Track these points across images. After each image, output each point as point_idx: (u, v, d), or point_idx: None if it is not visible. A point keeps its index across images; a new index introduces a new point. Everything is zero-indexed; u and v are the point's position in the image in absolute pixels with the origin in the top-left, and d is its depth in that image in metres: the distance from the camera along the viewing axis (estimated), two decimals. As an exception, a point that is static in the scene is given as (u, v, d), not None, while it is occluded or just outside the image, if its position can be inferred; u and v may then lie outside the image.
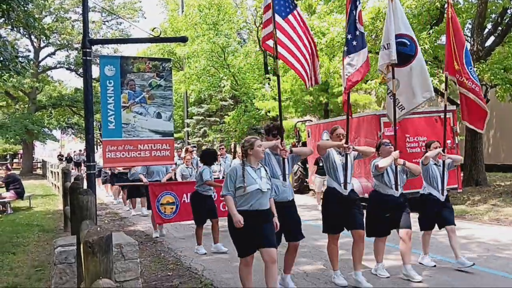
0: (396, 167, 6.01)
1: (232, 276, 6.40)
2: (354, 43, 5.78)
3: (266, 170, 4.97)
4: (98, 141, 33.79)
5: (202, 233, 7.96)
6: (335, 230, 5.70)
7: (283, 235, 5.40)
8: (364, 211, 5.91)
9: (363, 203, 6.20)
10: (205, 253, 7.67)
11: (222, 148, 13.48)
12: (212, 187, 8.00)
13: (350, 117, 6.08)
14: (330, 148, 5.78)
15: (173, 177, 11.79)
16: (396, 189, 5.96)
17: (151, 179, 10.20)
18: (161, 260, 7.42)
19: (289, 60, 6.07)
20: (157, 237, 9.20)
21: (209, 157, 8.14)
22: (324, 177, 11.11)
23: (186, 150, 12.00)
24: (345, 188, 5.65)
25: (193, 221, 8.71)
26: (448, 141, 11.53)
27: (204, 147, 13.20)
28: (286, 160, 5.42)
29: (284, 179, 5.41)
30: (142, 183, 10.17)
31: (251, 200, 4.72)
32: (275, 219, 4.95)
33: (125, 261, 4.90)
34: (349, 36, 5.84)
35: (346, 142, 5.73)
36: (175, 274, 6.60)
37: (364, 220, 5.77)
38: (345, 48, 5.93)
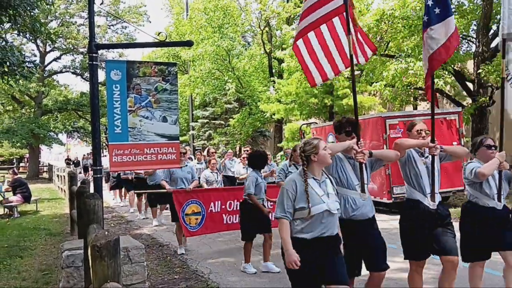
0: (500, 173, 4.93)
1: (239, 279, 6.41)
2: (437, 10, 4.52)
3: (332, 182, 3.92)
4: (104, 144, 33.93)
5: (251, 249, 6.84)
6: (420, 256, 4.59)
7: (363, 263, 4.34)
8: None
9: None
10: (255, 272, 6.65)
11: (230, 153, 13.16)
12: (263, 192, 6.83)
13: (436, 107, 5.08)
14: (410, 149, 4.65)
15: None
16: (499, 200, 4.92)
17: (175, 188, 8.55)
18: (167, 263, 7.44)
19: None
20: (182, 253, 8.00)
21: (258, 159, 6.94)
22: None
23: (208, 153, 11.55)
24: (433, 200, 4.48)
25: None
26: (454, 143, 11.53)
27: (211, 150, 12.72)
28: (363, 166, 4.34)
29: (363, 191, 4.30)
30: (164, 190, 8.54)
31: (316, 225, 3.65)
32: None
33: (132, 264, 4.92)
34: (429, 2, 4.55)
35: (432, 141, 4.65)
36: (181, 277, 6.61)
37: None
38: (425, 18, 4.63)
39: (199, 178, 10.18)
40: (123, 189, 15.76)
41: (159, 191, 9.22)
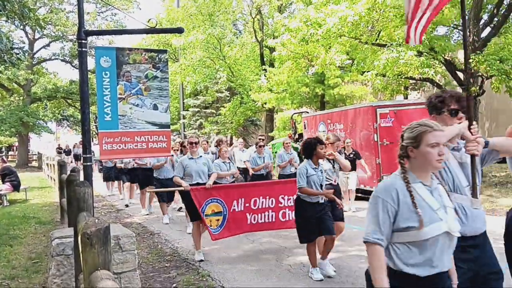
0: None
1: (229, 267, 6.44)
2: None
3: (445, 190, 2.63)
4: (94, 133, 33.71)
5: (316, 250, 5.93)
6: None
7: None
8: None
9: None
10: (322, 280, 5.74)
11: (241, 143, 12.69)
12: (316, 185, 5.85)
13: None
14: None
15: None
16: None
17: (191, 183, 7.18)
18: (158, 252, 7.44)
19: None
20: (201, 260, 6.76)
21: (309, 147, 5.99)
22: (347, 174, 10.20)
23: (220, 142, 10.12)
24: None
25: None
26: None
27: (201, 139, 11.16)
28: (476, 159, 3.04)
29: (475, 196, 3.05)
30: (180, 188, 7.17)
31: (430, 253, 2.42)
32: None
33: (123, 252, 4.91)
34: None
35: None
36: (172, 265, 6.62)
37: None
38: None
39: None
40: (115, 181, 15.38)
41: (174, 189, 8.03)
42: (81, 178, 5.97)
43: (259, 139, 11.15)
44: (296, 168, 8.79)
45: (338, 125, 13.11)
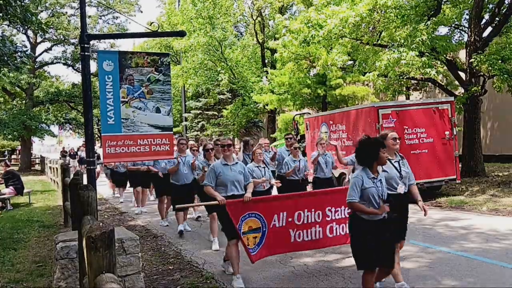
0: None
1: (233, 269, 6.43)
2: None
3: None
4: (96, 136, 33.75)
5: (373, 280, 4.78)
6: None
7: None
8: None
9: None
10: None
11: (266, 144, 10.08)
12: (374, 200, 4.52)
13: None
14: None
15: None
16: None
17: (225, 195, 5.89)
18: (162, 254, 7.45)
19: None
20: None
21: (369, 151, 4.60)
22: None
23: (246, 144, 9.19)
24: None
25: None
26: (447, 132, 11.59)
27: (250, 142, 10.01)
28: None
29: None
30: (214, 202, 5.80)
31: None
32: None
33: (127, 255, 4.92)
34: None
35: None
36: (176, 268, 6.63)
37: None
38: None
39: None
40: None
41: (208, 203, 6.27)
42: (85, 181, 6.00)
43: (288, 138, 9.74)
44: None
45: (340, 126, 13.11)
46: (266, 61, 27.19)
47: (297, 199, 6.23)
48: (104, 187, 17.22)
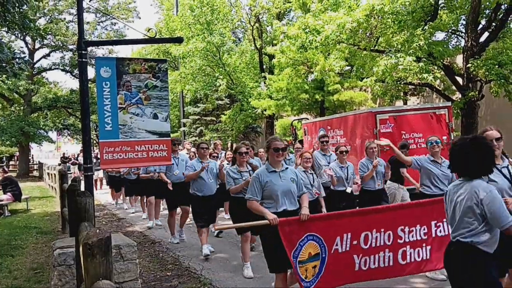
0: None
1: (231, 275, 6.44)
2: None
3: None
4: (94, 142, 33.73)
5: None
6: None
7: None
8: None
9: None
10: None
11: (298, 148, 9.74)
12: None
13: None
14: None
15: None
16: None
17: (275, 211, 4.66)
18: (159, 261, 7.44)
19: None
20: None
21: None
22: (402, 186, 8.48)
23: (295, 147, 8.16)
24: None
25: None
26: (444, 137, 11.61)
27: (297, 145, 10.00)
28: None
29: None
30: (264, 221, 4.49)
31: None
32: None
33: (124, 262, 4.92)
34: None
35: None
36: (174, 274, 6.62)
37: None
38: None
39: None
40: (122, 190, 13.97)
41: (255, 224, 4.70)
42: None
43: (324, 141, 8.41)
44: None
45: (338, 131, 13.13)
46: (264, 66, 27.24)
47: (364, 216, 5.02)
48: (107, 195, 16.98)
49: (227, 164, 7.99)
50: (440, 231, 5.07)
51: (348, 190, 6.66)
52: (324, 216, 5.20)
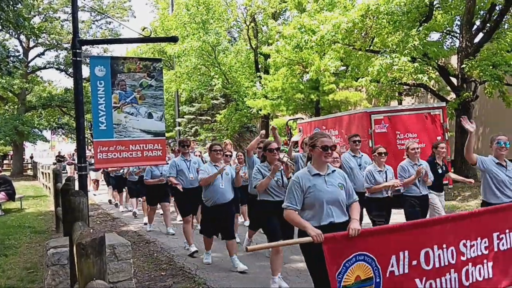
0: None
1: (226, 274, 6.43)
2: None
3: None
4: (89, 141, 33.62)
5: None
6: None
7: None
8: None
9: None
10: None
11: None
12: None
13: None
14: None
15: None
16: None
17: (318, 225, 3.87)
18: (154, 260, 7.42)
19: None
20: None
21: None
22: (441, 194, 7.42)
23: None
24: None
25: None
26: (438, 137, 11.66)
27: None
28: None
29: None
30: (307, 238, 3.72)
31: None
32: None
33: (118, 261, 4.90)
34: None
35: None
36: (168, 274, 6.60)
37: None
38: None
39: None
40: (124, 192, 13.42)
41: (298, 241, 3.90)
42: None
43: (356, 141, 7.41)
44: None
45: (333, 131, 13.15)
46: (260, 66, 27.24)
47: (423, 229, 4.08)
48: (102, 196, 16.85)
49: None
50: (503, 244, 4.37)
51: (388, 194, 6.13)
52: (377, 231, 4.08)
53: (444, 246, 4.04)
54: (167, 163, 8.41)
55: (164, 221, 9.70)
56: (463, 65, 13.04)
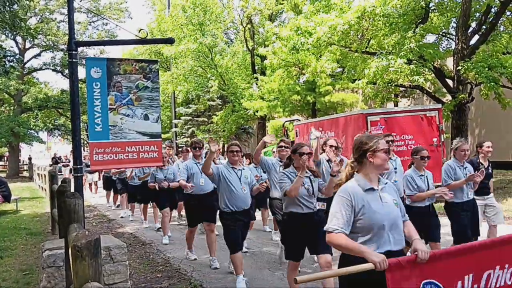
0: None
1: (222, 276, 6.43)
2: None
3: None
4: (85, 142, 33.56)
5: None
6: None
7: None
8: None
9: None
10: None
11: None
12: None
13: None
14: None
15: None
16: None
17: (381, 251, 3.03)
18: (150, 262, 7.41)
19: None
20: None
21: None
22: (488, 197, 6.83)
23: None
24: None
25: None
26: (434, 139, 11.70)
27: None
28: None
29: None
30: (368, 265, 2.85)
31: None
32: None
33: (114, 263, 4.90)
34: None
35: None
36: (164, 275, 6.60)
37: None
38: None
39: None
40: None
41: (358, 269, 2.88)
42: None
43: (391, 140, 6.43)
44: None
45: (330, 133, 13.17)
46: (256, 67, 27.26)
47: (491, 250, 3.47)
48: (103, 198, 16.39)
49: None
50: None
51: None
52: (445, 253, 3.32)
53: (506, 266, 3.47)
54: (164, 165, 8.36)
55: (162, 228, 9.23)
56: (459, 67, 13.08)
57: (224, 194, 5.87)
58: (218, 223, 6.38)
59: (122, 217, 12.37)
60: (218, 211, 6.20)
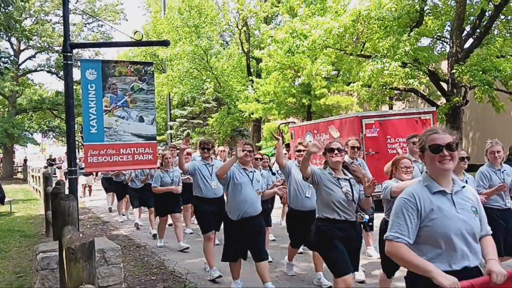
0: None
1: (218, 279, 6.40)
2: None
3: None
4: (80, 144, 33.43)
5: None
6: None
7: None
8: None
9: None
10: None
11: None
12: None
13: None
14: None
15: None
16: None
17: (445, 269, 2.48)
18: (144, 265, 7.39)
19: None
20: None
21: None
22: None
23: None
24: None
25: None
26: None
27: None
28: None
29: None
30: None
31: None
32: None
33: (108, 266, 4.88)
34: None
35: None
36: (159, 278, 6.58)
37: None
38: None
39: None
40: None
41: None
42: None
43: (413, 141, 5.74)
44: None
45: (325, 135, 13.19)
46: (252, 70, 27.30)
47: None
48: (98, 201, 16.31)
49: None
50: None
51: None
52: None
53: None
54: (159, 167, 8.25)
55: (176, 234, 8.32)
56: (453, 70, 13.15)
57: (233, 197, 5.36)
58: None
59: (121, 222, 11.89)
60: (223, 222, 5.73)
